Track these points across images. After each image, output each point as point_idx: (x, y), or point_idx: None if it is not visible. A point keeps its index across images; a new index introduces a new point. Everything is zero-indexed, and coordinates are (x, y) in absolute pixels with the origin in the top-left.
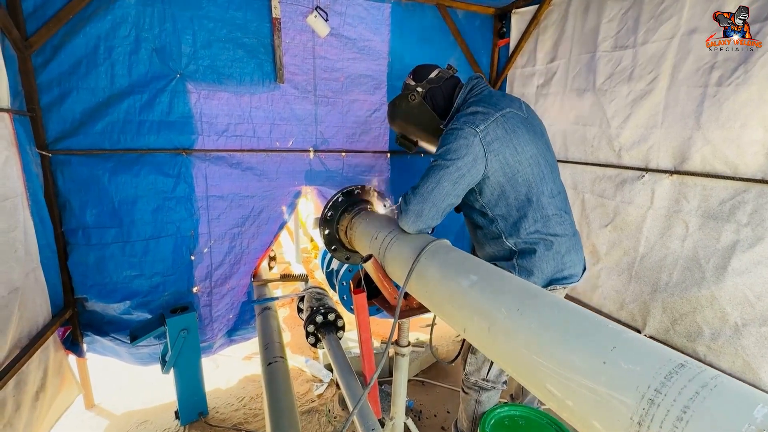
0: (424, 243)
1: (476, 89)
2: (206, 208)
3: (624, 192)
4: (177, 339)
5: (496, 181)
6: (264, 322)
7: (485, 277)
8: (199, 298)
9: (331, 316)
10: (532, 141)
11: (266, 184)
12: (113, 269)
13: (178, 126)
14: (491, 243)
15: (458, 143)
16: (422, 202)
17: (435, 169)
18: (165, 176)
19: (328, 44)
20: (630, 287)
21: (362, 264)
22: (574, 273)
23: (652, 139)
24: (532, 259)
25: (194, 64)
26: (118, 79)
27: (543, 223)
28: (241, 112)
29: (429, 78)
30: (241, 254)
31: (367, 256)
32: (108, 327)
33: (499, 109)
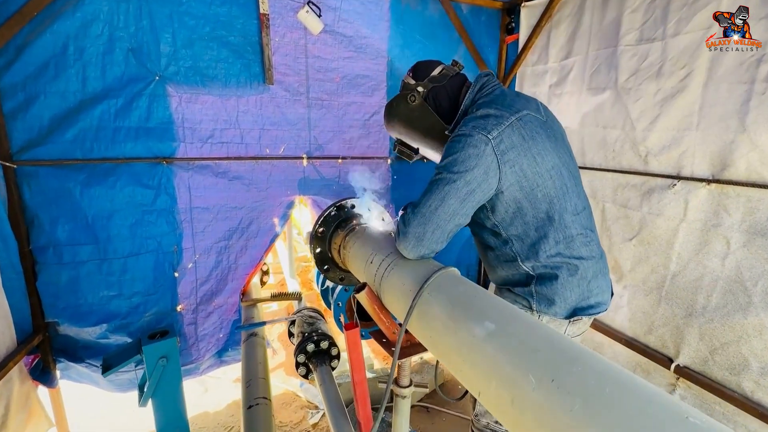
0: (427, 273)
1: (486, 88)
2: (190, 221)
3: (651, 202)
4: (155, 368)
5: (512, 196)
6: (249, 352)
7: (505, 325)
8: (183, 316)
9: (324, 343)
10: (553, 148)
11: (255, 194)
12: (88, 290)
13: (157, 132)
14: (505, 266)
15: (467, 152)
16: (424, 224)
17: (439, 184)
18: (144, 187)
19: (322, 42)
20: (660, 309)
21: (355, 294)
22: (602, 301)
23: (685, 142)
24: (553, 286)
25: (174, 65)
26: (91, 82)
27: (566, 245)
28: (227, 116)
29: (431, 76)
30: (229, 269)
31: (361, 285)
32: (83, 352)
33: (515, 112)
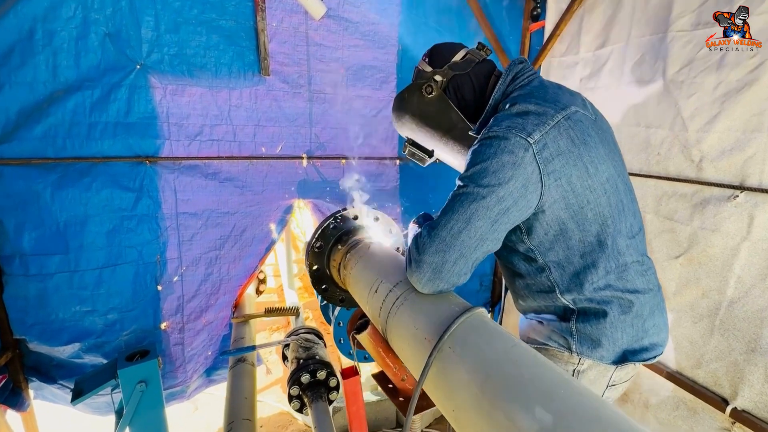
0: (447, 317)
1: (521, 78)
2: (176, 228)
3: (705, 215)
4: (133, 393)
5: (555, 216)
6: (234, 384)
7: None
8: (168, 335)
9: (321, 373)
10: (607, 155)
11: (250, 198)
12: (59, 305)
13: (139, 128)
14: (537, 297)
15: (500, 160)
16: (444, 251)
17: (464, 200)
18: (123, 190)
19: (325, 28)
20: (712, 340)
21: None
22: (657, 342)
23: (752, 146)
24: (600, 325)
25: (158, 52)
26: (63, 71)
27: (618, 275)
28: (217, 111)
29: (452, 62)
30: (220, 282)
31: (361, 323)
32: (56, 372)
33: (561, 108)
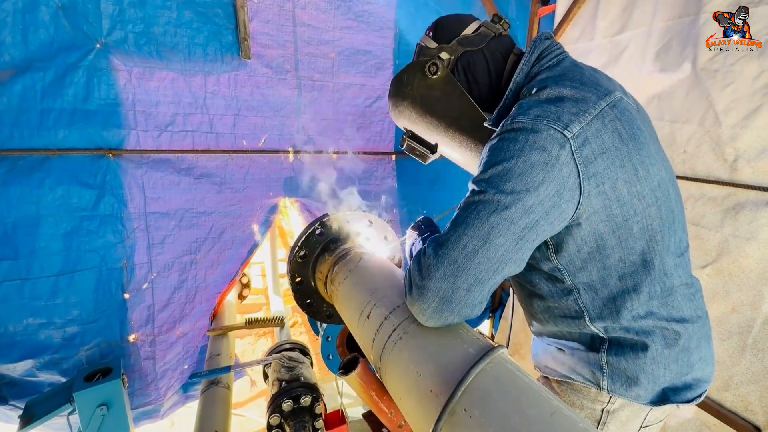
0: (462, 361)
1: (549, 57)
2: (145, 229)
3: (739, 222)
4: (92, 419)
5: (592, 230)
6: (205, 411)
7: None
8: (138, 349)
9: (305, 399)
10: (657, 153)
11: (229, 196)
12: (8, 317)
13: (100, 117)
14: (559, 322)
15: (528, 159)
16: (455, 275)
17: (480, 210)
18: (82, 187)
19: (314, 7)
20: (743, 360)
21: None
22: (702, 377)
23: None
24: (639, 360)
25: (121, 29)
26: (7, 49)
27: (662, 301)
28: (191, 98)
29: (462, 36)
30: (196, 290)
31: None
32: (8, 391)
33: (605, 94)
